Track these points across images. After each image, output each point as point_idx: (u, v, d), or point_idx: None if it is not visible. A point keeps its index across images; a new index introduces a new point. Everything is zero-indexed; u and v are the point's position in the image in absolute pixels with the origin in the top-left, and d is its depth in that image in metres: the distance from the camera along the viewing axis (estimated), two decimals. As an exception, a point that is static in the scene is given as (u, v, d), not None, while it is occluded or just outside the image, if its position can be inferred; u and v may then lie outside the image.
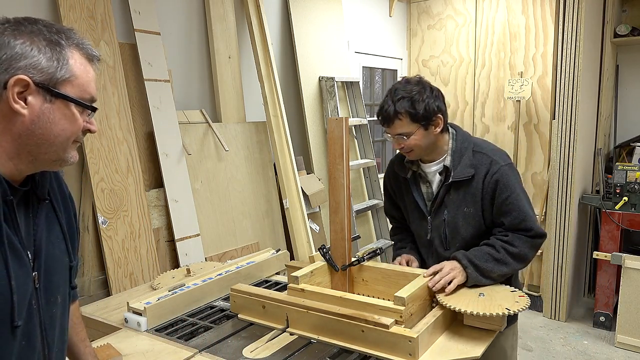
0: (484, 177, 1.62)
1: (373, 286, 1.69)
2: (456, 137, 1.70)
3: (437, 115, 1.61)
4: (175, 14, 2.84)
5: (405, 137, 1.61)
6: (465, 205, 1.65)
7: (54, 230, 1.00)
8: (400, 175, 1.78)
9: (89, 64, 0.93)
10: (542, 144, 4.21)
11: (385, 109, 1.61)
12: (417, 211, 1.76)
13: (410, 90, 1.60)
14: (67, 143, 0.91)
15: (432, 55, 4.75)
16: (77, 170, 2.34)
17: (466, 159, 1.64)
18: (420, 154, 1.68)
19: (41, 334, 0.94)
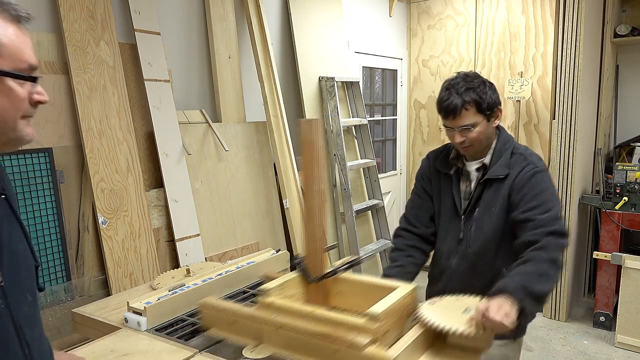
0: (516, 175, 1.60)
1: (349, 299, 1.56)
2: (499, 137, 1.71)
3: (498, 107, 1.66)
4: (175, 14, 2.84)
5: (471, 128, 1.60)
6: (494, 204, 1.63)
7: (14, 227, 0.91)
8: (442, 172, 1.75)
9: (17, 27, 0.79)
10: (542, 144, 4.21)
11: (451, 100, 1.59)
12: (452, 209, 1.72)
13: (472, 81, 1.61)
14: (14, 121, 0.81)
15: (432, 55, 4.75)
16: (77, 170, 2.34)
17: (503, 159, 1.64)
18: (478, 149, 1.66)
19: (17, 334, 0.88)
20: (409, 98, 4.95)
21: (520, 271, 1.45)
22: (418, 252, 1.79)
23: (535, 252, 1.48)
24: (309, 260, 1.55)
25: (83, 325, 1.74)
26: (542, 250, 1.48)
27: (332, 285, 1.59)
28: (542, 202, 1.55)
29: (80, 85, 2.30)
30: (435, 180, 1.79)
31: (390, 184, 4.82)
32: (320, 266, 1.54)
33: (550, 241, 1.50)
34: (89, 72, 2.34)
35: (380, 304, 1.31)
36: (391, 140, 4.90)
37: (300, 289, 1.58)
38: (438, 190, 1.78)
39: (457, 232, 1.71)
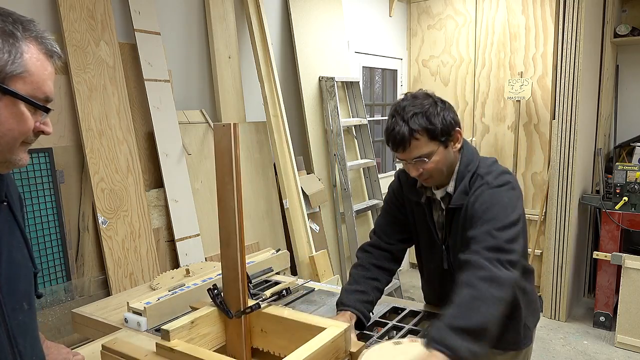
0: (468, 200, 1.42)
1: (272, 339, 1.34)
2: (461, 159, 1.49)
3: (455, 129, 1.44)
4: (175, 14, 2.84)
5: (426, 159, 1.40)
6: (461, 233, 1.45)
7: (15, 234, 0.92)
8: (413, 199, 1.59)
9: (48, 60, 0.84)
10: (542, 144, 4.21)
11: (397, 130, 1.38)
12: (430, 239, 1.58)
13: (422, 104, 1.40)
14: (15, 144, 0.83)
15: (432, 55, 4.75)
16: (77, 170, 2.34)
17: (463, 186, 1.45)
18: (440, 178, 1.47)
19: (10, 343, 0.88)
20: (409, 98, 4.94)
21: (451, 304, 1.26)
22: (383, 274, 1.62)
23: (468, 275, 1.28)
24: (228, 290, 1.33)
25: (83, 326, 1.74)
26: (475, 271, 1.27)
27: (255, 320, 1.37)
28: (487, 218, 1.35)
29: (80, 85, 2.30)
30: (408, 206, 1.63)
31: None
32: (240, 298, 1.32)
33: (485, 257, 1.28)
34: (89, 72, 2.34)
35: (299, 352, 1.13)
36: (391, 140, 4.89)
37: (218, 325, 1.37)
38: (412, 218, 1.63)
39: (441, 262, 1.57)
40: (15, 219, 0.93)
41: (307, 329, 1.27)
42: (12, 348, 0.89)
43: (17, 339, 0.90)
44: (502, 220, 1.33)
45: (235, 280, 1.31)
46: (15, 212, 0.94)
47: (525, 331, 1.60)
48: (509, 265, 1.29)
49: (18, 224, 0.94)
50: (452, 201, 1.47)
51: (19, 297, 0.91)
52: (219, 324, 1.37)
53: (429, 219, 1.56)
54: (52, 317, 2.17)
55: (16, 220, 0.93)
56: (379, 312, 1.67)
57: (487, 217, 1.34)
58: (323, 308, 1.74)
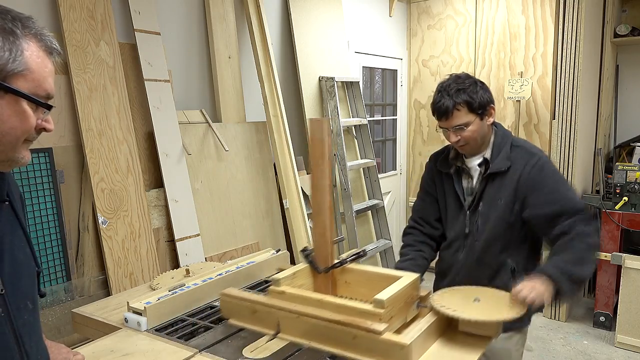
0: (522, 168, 1.65)
1: (356, 288, 1.64)
2: (497, 132, 1.76)
3: (490, 105, 1.69)
4: (175, 14, 2.84)
5: (464, 127, 1.65)
6: (499, 197, 1.67)
7: (17, 234, 0.92)
8: (443, 172, 1.81)
9: (48, 57, 0.84)
10: (542, 144, 4.21)
11: (443, 102, 1.65)
12: (457, 205, 1.78)
13: (464, 82, 1.66)
14: (17, 142, 0.83)
15: (432, 55, 4.75)
16: (77, 170, 2.34)
17: (504, 153, 1.69)
18: (475, 147, 1.71)
19: (17, 342, 0.88)
20: (409, 98, 4.95)
21: (558, 258, 1.55)
22: (427, 248, 1.86)
23: (571, 241, 1.55)
24: (318, 251, 1.62)
25: (83, 325, 1.74)
26: (577, 238, 1.55)
27: (339, 275, 1.66)
28: (560, 192, 1.62)
29: (80, 85, 2.30)
30: (438, 181, 1.85)
31: (390, 184, 4.82)
32: (328, 257, 1.61)
33: (582, 228, 1.56)
34: (89, 72, 2.34)
35: (385, 292, 1.38)
36: (391, 140, 4.90)
37: (310, 279, 1.66)
38: (442, 189, 1.84)
39: (463, 227, 1.76)
40: (17, 218, 0.93)
41: (385, 279, 1.54)
42: (19, 347, 0.89)
43: (24, 337, 0.90)
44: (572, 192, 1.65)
45: (325, 243, 1.60)
46: (17, 211, 0.94)
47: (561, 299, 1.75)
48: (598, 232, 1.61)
49: (20, 223, 0.94)
50: (493, 166, 1.69)
51: (22, 296, 0.91)
52: (310, 278, 1.66)
53: (457, 187, 1.77)
54: (52, 317, 2.17)
55: (18, 220, 0.93)
56: None
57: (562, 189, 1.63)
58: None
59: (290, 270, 1.62)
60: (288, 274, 1.58)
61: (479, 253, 1.73)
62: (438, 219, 1.89)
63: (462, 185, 1.78)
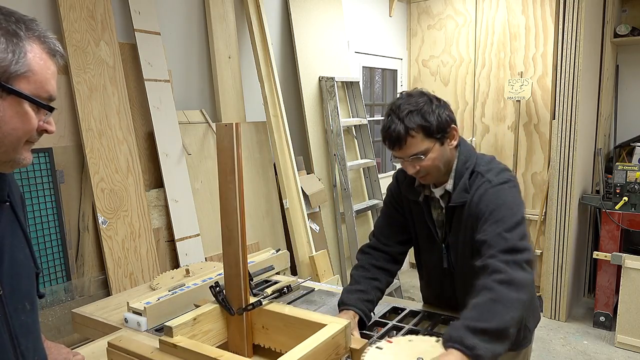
0: (471, 197, 1.43)
1: (273, 335, 1.37)
2: (459, 157, 1.50)
3: (451, 126, 1.45)
4: (175, 14, 2.84)
5: (422, 157, 1.41)
6: (462, 229, 1.48)
7: (17, 234, 0.92)
8: (411, 199, 1.59)
9: (50, 59, 0.84)
10: (542, 144, 4.21)
11: (393, 128, 1.41)
12: (429, 238, 1.59)
13: (417, 102, 1.42)
14: (19, 143, 0.83)
15: (432, 55, 4.75)
16: (77, 170, 2.34)
17: (462, 184, 1.46)
18: (438, 175, 1.48)
19: (12, 343, 0.88)
20: (409, 98, 4.94)
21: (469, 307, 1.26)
22: (383, 275, 1.63)
23: (486, 279, 1.28)
24: (230, 288, 1.35)
25: (83, 326, 1.74)
26: (493, 274, 1.27)
27: (256, 317, 1.39)
28: (495, 219, 1.35)
29: (80, 85, 2.30)
30: (406, 206, 1.63)
31: (390, 184, 4.81)
32: (241, 295, 1.33)
33: (501, 260, 1.28)
34: (89, 72, 2.34)
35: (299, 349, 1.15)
36: (391, 140, 4.89)
37: (220, 322, 1.39)
38: (411, 217, 1.63)
39: (441, 262, 1.58)
40: (17, 218, 0.93)
41: (308, 326, 1.28)
42: (14, 348, 0.89)
43: (20, 339, 0.90)
44: (510, 220, 1.34)
45: (237, 278, 1.32)
46: (17, 212, 0.94)
47: (525, 332, 1.60)
48: (526, 264, 1.30)
49: (20, 223, 0.94)
50: (452, 199, 1.47)
51: (21, 297, 0.91)
52: (221, 321, 1.39)
53: (427, 218, 1.56)
54: (52, 317, 2.17)
55: (18, 220, 0.93)
56: (379, 312, 1.67)
57: (495, 218, 1.35)
58: (323, 308, 1.73)
59: (193, 313, 1.34)
60: (187, 319, 1.30)
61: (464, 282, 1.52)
62: (403, 241, 1.68)
63: (432, 216, 1.56)
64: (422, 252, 1.65)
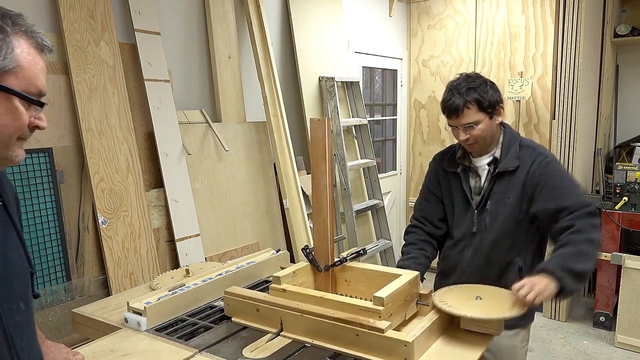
0: (529, 166, 1.67)
1: (355, 286, 1.67)
2: (505, 132, 1.77)
3: (499, 105, 1.71)
4: (175, 14, 2.84)
5: (474, 126, 1.66)
6: (507, 196, 1.69)
7: (11, 234, 0.92)
8: (450, 171, 1.82)
9: (39, 54, 0.84)
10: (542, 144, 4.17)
11: (453, 100, 1.66)
12: (464, 204, 1.79)
13: (474, 81, 1.68)
14: (10, 140, 0.83)
15: (432, 55, 4.75)
16: (77, 170, 2.34)
17: (513, 152, 1.71)
18: (483, 146, 1.72)
19: (7, 343, 0.88)
20: (409, 98, 4.95)
21: (559, 253, 1.55)
22: (429, 247, 1.86)
23: (572, 236, 1.56)
24: (318, 250, 1.66)
25: (83, 325, 1.74)
26: (578, 233, 1.56)
27: (339, 274, 1.69)
28: (565, 188, 1.63)
29: (80, 85, 2.30)
30: (444, 180, 1.85)
31: (390, 184, 4.82)
32: (328, 256, 1.64)
33: (585, 223, 1.57)
34: (89, 72, 2.34)
35: (384, 290, 1.41)
36: (391, 140, 4.90)
37: (310, 277, 1.69)
38: (448, 189, 1.84)
39: (471, 226, 1.77)
40: (10, 218, 0.93)
41: (385, 277, 1.57)
42: (9, 349, 0.88)
43: (15, 339, 0.89)
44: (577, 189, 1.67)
45: (325, 241, 1.63)
46: (11, 212, 0.93)
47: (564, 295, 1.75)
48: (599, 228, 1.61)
49: (14, 223, 0.93)
50: (503, 165, 1.70)
51: (15, 297, 0.90)
52: (311, 276, 1.70)
53: (465, 186, 1.78)
54: (52, 317, 2.17)
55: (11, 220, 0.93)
56: None
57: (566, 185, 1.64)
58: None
59: (291, 268, 1.64)
60: (289, 272, 1.60)
61: (487, 252, 1.74)
62: (441, 219, 1.89)
63: (469, 184, 1.79)
64: (456, 219, 1.83)
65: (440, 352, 1.39)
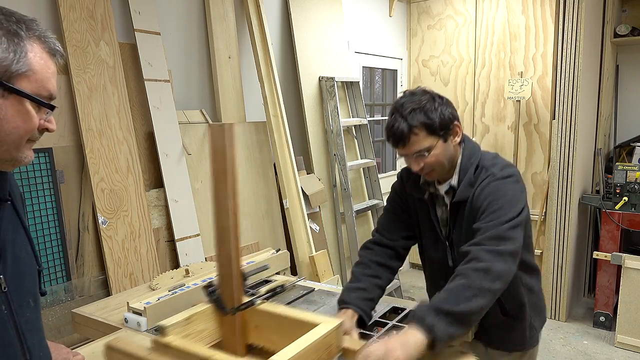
0: (474, 190, 1.45)
1: (267, 335, 1.37)
2: (463, 153, 1.52)
3: (453, 123, 1.46)
4: (175, 14, 2.84)
5: (426, 153, 1.43)
6: (467, 224, 1.47)
7: (19, 232, 0.94)
8: (416, 197, 1.60)
9: (51, 59, 0.86)
10: (542, 144, 4.21)
11: (397, 126, 1.42)
12: (433, 236, 1.59)
13: (419, 100, 1.43)
14: (21, 142, 0.85)
15: (432, 55, 4.75)
16: (77, 170, 2.34)
17: (467, 178, 1.48)
18: (442, 172, 1.49)
19: (19, 339, 0.89)
20: (409, 98, 4.94)
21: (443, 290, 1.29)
22: (385, 272, 1.61)
23: (464, 265, 1.31)
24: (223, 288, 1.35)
25: (83, 326, 1.74)
26: (471, 262, 1.29)
27: (250, 317, 1.38)
28: (491, 210, 1.37)
29: (80, 85, 2.30)
30: (411, 203, 1.64)
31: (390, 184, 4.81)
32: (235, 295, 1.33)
33: (484, 249, 1.30)
34: (89, 72, 2.34)
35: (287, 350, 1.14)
36: (391, 140, 4.89)
37: (211, 323, 1.39)
38: (416, 215, 1.64)
39: (445, 259, 1.57)
40: (18, 216, 0.94)
41: (301, 325, 1.28)
42: (21, 344, 0.90)
43: (26, 334, 0.91)
44: (506, 211, 1.35)
45: (229, 278, 1.32)
46: (19, 210, 0.95)
47: (531, 331, 1.59)
48: (508, 256, 1.30)
49: (22, 221, 0.95)
50: (457, 194, 1.48)
51: (24, 294, 0.92)
52: (215, 321, 1.39)
53: (432, 215, 1.56)
54: (52, 317, 2.17)
55: (20, 218, 0.95)
56: (380, 311, 1.66)
57: (492, 209, 1.37)
58: (323, 308, 1.73)
59: (186, 312, 1.35)
60: (180, 318, 1.31)
61: None
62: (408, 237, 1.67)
63: (437, 214, 1.57)
64: (427, 251, 1.64)
65: None
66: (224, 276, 1.34)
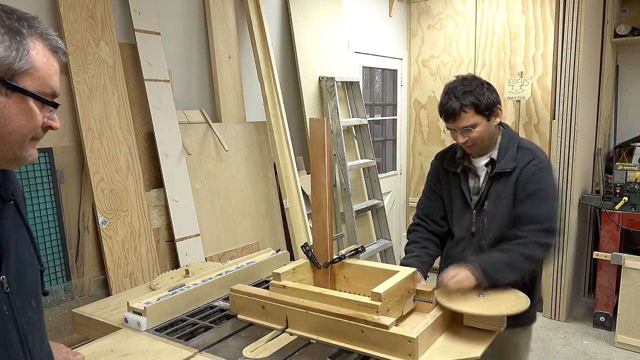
0: (523, 167, 1.69)
1: (354, 283, 1.72)
2: (504, 133, 1.78)
3: (497, 106, 1.73)
4: (175, 14, 2.84)
5: (471, 129, 1.68)
6: (504, 197, 1.71)
7: (22, 232, 0.94)
8: (450, 171, 1.85)
9: (53, 56, 0.86)
10: (542, 144, 4.20)
11: (450, 104, 1.68)
12: (463, 204, 1.81)
13: (470, 84, 1.70)
14: (25, 140, 0.84)
15: (432, 55, 4.75)
16: (77, 170, 2.34)
17: (511, 153, 1.72)
18: (482, 147, 1.74)
19: (20, 340, 0.89)
20: (409, 98, 4.95)
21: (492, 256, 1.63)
22: (432, 245, 1.89)
23: (514, 245, 1.62)
24: (317, 247, 1.71)
25: (83, 326, 1.74)
26: (521, 245, 1.61)
27: (338, 270, 1.74)
28: (539, 198, 1.65)
29: (80, 85, 2.30)
30: (444, 180, 1.88)
31: (390, 184, 4.82)
32: (327, 253, 1.68)
33: (533, 238, 1.61)
34: (89, 72, 2.34)
35: (381, 286, 1.45)
36: (391, 140, 4.90)
37: (310, 274, 1.73)
38: (448, 188, 1.87)
39: (469, 226, 1.80)
40: (21, 216, 0.94)
41: (383, 273, 1.62)
42: (22, 345, 0.90)
43: (27, 335, 0.91)
44: (552, 203, 1.68)
45: (324, 238, 1.69)
46: (21, 210, 0.95)
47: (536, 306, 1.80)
48: (550, 247, 1.63)
49: (24, 221, 0.95)
50: (499, 166, 1.72)
51: (26, 294, 0.92)
52: (310, 273, 1.74)
53: (464, 186, 1.80)
54: (52, 317, 2.17)
55: (22, 218, 0.94)
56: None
57: (541, 196, 1.66)
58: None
59: (291, 265, 1.68)
60: (288, 268, 1.65)
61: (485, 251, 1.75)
62: (443, 217, 1.91)
63: (468, 184, 1.81)
64: (455, 218, 1.86)
65: (444, 348, 1.41)
66: (319, 238, 1.71)
